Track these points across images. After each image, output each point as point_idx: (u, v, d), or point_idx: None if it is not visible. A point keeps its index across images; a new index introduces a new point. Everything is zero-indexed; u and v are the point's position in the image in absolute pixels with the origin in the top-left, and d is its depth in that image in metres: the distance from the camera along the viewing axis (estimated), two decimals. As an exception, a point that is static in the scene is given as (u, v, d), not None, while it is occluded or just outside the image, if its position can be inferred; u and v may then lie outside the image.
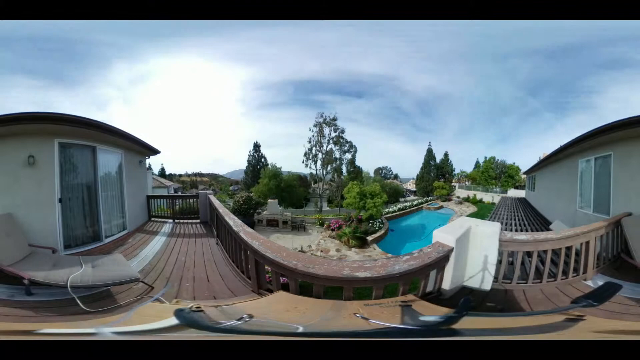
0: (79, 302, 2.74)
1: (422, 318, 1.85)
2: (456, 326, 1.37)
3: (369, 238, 14.88)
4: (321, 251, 13.78)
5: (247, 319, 1.56)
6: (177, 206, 8.84)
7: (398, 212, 23.50)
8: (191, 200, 8.88)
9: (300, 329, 1.51)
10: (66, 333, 1.56)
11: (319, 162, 28.95)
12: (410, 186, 51.97)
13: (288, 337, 1.32)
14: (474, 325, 1.41)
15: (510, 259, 3.35)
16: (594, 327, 1.40)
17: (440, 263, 2.67)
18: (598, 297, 1.78)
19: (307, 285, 2.60)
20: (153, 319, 1.52)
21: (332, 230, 17.12)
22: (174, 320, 1.41)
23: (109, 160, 6.34)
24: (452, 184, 40.64)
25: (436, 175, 41.25)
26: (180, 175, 72.27)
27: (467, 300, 1.64)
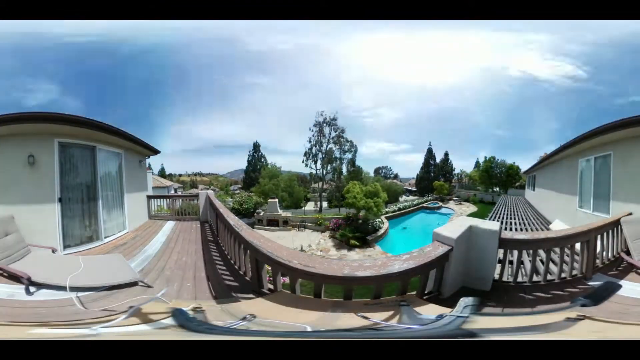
0: (76, 302, 2.73)
1: (421, 317, 1.86)
2: (457, 326, 1.37)
3: (369, 238, 14.91)
4: (321, 251, 13.79)
5: (251, 319, 1.57)
6: (177, 206, 8.84)
7: (397, 212, 23.52)
8: (191, 200, 8.88)
9: (309, 329, 1.51)
10: (66, 333, 1.57)
11: (319, 162, 28.91)
12: (410, 186, 51.93)
13: (292, 337, 1.32)
14: (475, 326, 1.41)
15: (511, 259, 3.35)
16: (594, 326, 1.40)
17: (439, 262, 2.67)
18: (598, 296, 1.78)
19: (307, 284, 2.61)
20: (153, 319, 1.53)
21: (332, 230, 17.14)
22: (175, 321, 1.42)
23: (109, 160, 6.34)
24: (452, 184, 40.65)
25: (436, 175, 41.27)
26: (180, 175, 72.23)
27: (466, 300, 1.64)
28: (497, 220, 10.65)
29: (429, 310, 2.02)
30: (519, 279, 3.32)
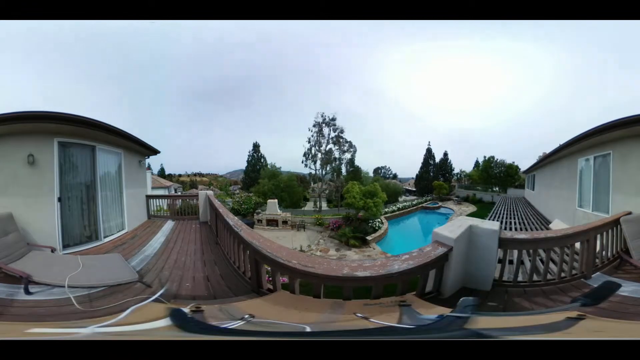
0: (74, 302, 2.73)
1: (421, 317, 1.86)
2: (458, 326, 1.37)
3: (369, 238, 14.91)
4: (320, 251, 13.78)
5: (249, 319, 1.57)
6: (177, 206, 8.84)
7: (397, 212, 23.54)
8: (191, 200, 8.88)
9: (308, 329, 1.51)
10: (64, 333, 1.56)
11: (318, 162, 28.85)
12: (410, 186, 51.93)
13: (291, 338, 1.32)
14: (475, 325, 1.41)
15: (510, 258, 3.35)
16: (593, 326, 1.40)
17: (439, 262, 2.67)
18: (597, 296, 1.78)
19: (307, 284, 2.60)
20: (152, 319, 1.52)
21: (332, 230, 17.15)
22: (173, 321, 1.41)
23: (108, 159, 6.34)
24: (452, 183, 40.67)
25: (436, 174, 41.29)
26: (179, 175, 72.25)
27: (466, 300, 1.64)
28: (497, 220, 10.65)
29: (429, 311, 2.02)
30: (519, 278, 3.32)
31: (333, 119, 28.37)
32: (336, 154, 29.16)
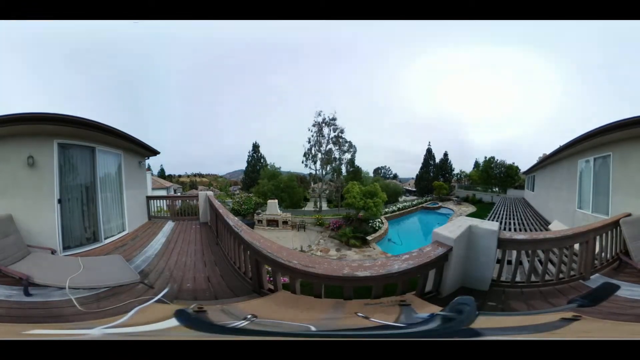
0: (75, 303, 2.73)
1: (415, 316, 1.87)
2: (449, 325, 1.38)
3: (369, 238, 14.91)
4: (321, 251, 13.78)
5: (252, 319, 1.57)
6: (177, 207, 8.84)
7: (397, 212, 23.54)
8: (191, 201, 8.88)
9: (313, 329, 1.52)
10: (65, 334, 1.57)
11: (318, 162, 28.81)
12: (410, 186, 51.94)
13: (293, 337, 1.32)
14: (472, 325, 1.41)
15: (509, 259, 3.36)
16: (584, 327, 1.41)
17: (439, 262, 2.68)
18: (595, 297, 1.79)
19: (307, 284, 2.61)
20: (158, 320, 1.53)
21: (332, 230, 17.15)
22: (175, 321, 1.41)
23: (108, 161, 6.34)
24: (452, 184, 40.67)
25: (436, 175, 41.30)
26: (179, 176, 72.18)
27: (459, 299, 1.65)
28: (496, 221, 10.65)
29: (429, 310, 2.02)
30: (518, 279, 3.32)
31: (333, 119, 28.33)
32: (336, 154, 29.12)
